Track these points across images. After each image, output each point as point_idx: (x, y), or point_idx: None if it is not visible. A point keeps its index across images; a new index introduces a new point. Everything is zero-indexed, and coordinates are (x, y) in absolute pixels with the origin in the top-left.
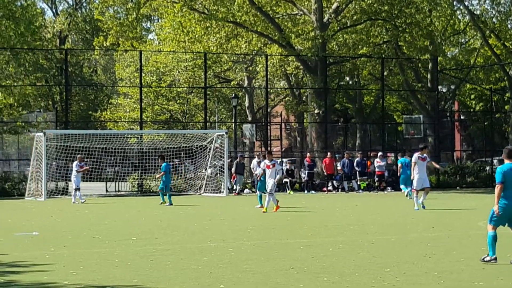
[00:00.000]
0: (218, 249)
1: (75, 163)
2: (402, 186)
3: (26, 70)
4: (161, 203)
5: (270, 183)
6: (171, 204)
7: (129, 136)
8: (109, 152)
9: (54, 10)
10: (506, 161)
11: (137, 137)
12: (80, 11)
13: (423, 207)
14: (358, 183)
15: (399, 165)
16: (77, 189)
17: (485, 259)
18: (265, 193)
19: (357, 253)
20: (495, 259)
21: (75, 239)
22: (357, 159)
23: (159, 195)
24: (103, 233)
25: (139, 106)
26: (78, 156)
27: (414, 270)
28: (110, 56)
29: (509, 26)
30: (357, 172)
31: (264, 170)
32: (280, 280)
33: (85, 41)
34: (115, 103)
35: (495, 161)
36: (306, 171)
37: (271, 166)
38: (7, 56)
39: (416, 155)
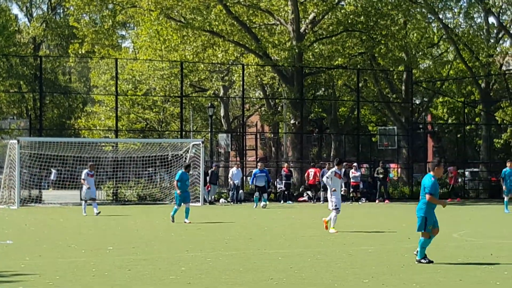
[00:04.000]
0: (196, 259)
1: (85, 171)
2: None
3: None
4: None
5: (337, 196)
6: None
7: (104, 144)
8: (84, 160)
9: (29, 16)
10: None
11: (112, 146)
12: (55, 18)
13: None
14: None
15: None
16: (93, 199)
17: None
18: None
19: (335, 264)
20: None
21: (51, 248)
22: (310, 169)
23: (133, 204)
24: (79, 242)
25: (115, 114)
26: (90, 164)
27: (392, 281)
28: (85, 63)
29: (482, 39)
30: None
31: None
32: None
33: (60, 48)
34: (90, 111)
35: (466, 173)
36: (283, 181)
37: (342, 177)
38: None
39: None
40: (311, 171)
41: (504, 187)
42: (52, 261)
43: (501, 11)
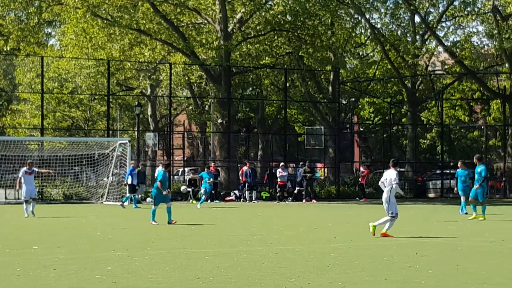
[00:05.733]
0: (122, 259)
1: (22, 169)
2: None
3: None
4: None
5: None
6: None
7: (29, 143)
8: (9, 159)
9: None
10: None
11: (38, 144)
12: None
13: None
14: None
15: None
16: (26, 201)
17: None
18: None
19: (262, 263)
20: None
21: None
22: (245, 167)
23: (59, 203)
24: (3, 241)
25: (40, 113)
26: (29, 161)
27: (318, 281)
28: (10, 61)
29: (408, 40)
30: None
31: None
32: None
33: None
34: (15, 109)
35: None
36: None
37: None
38: None
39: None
40: (245, 168)
41: (456, 188)
42: None
43: (426, 12)
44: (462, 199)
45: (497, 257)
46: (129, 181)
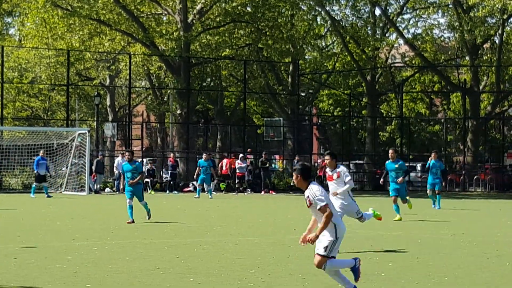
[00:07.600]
0: (82, 248)
1: None
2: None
3: None
4: None
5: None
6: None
7: None
8: None
9: None
10: None
11: None
12: None
13: None
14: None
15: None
16: None
17: None
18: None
19: (222, 254)
20: None
21: None
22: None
23: (18, 192)
24: None
25: (0, 102)
26: None
27: (278, 272)
28: None
29: (368, 33)
30: None
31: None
32: (146, 280)
33: None
34: None
35: (351, 165)
36: (169, 172)
37: None
38: None
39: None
40: (224, 161)
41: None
42: None
43: (387, 4)
44: (429, 192)
45: (457, 250)
46: (36, 171)
